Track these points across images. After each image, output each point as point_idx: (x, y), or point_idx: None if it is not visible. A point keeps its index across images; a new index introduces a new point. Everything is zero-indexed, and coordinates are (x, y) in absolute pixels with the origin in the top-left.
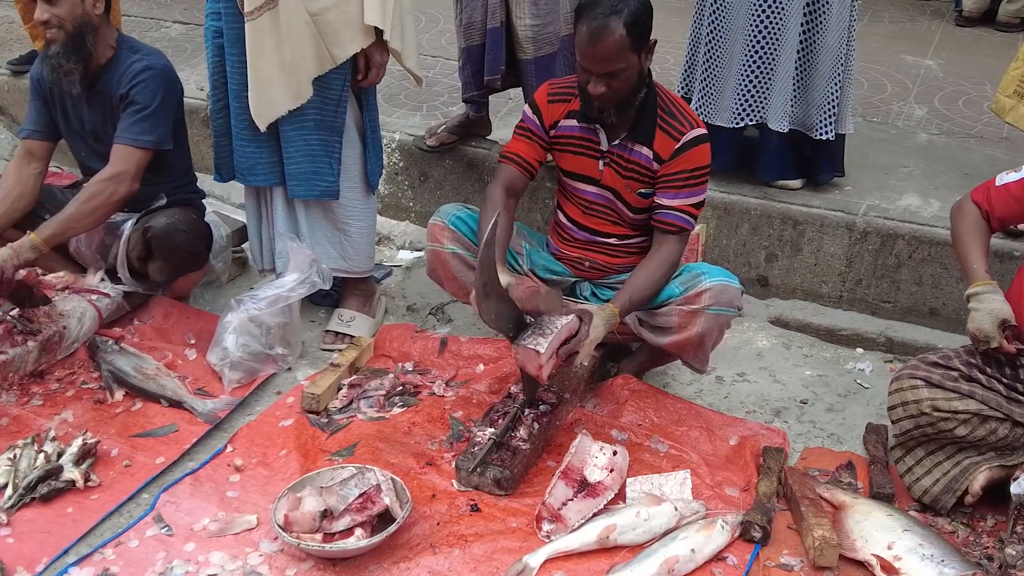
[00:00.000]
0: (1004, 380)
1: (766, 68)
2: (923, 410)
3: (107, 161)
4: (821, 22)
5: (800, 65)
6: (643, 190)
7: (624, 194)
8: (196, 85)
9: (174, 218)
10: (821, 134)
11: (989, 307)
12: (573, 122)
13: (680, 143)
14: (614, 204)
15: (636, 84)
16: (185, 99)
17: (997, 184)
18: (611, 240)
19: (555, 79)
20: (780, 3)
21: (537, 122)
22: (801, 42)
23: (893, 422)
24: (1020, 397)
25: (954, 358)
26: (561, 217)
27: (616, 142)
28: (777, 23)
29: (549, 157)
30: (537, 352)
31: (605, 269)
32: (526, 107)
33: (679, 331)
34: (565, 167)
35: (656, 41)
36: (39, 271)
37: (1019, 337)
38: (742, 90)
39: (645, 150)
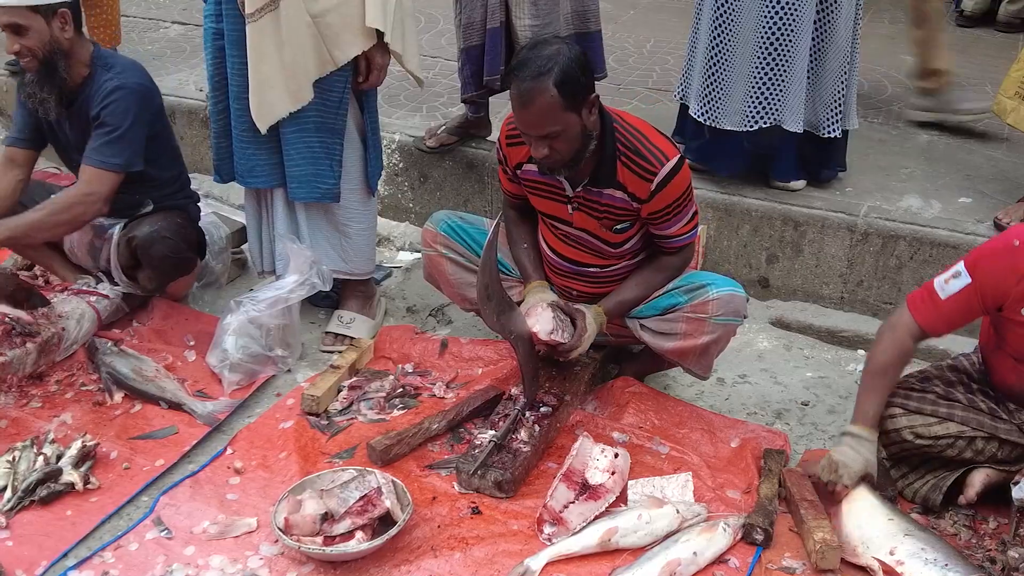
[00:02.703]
0: (990, 397)
1: (781, 70)
2: (904, 437)
3: None
4: (831, 22)
5: (810, 65)
6: (619, 225)
7: (599, 232)
8: (195, 86)
9: (157, 225)
10: (829, 132)
11: (866, 458)
12: (535, 167)
13: (655, 183)
14: (591, 241)
15: (581, 142)
16: (184, 100)
17: (943, 297)
18: (593, 270)
19: (510, 114)
20: (793, 5)
21: (506, 167)
22: (812, 41)
23: (882, 446)
24: (1003, 415)
25: (934, 377)
26: (544, 246)
27: (579, 189)
28: (791, 24)
29: None
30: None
31: (593, 298)
32: (497, 147)
33: (684, 338)
34: (537, 207)
35: (598, 96)
36: (37, 272)
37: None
38: (755, 92)
39: (618, 193)
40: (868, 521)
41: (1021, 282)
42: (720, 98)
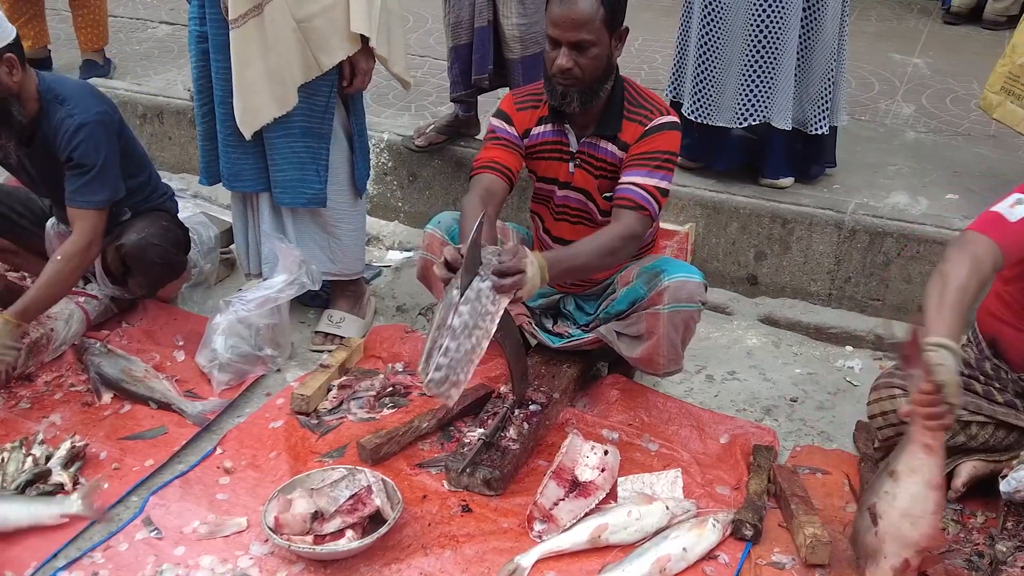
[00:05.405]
0: (981, 382)
1: (769, 67)
2: (903, 419)
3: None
4: (818, 19)
5: (798, 62)
6: (610, 193)
7: (595, 194)
8: (183, 86)
9: (144, 232)
10: (816, 129)
11: (958, 376)
12: (544, 127)
13: (649, 127)
14: (585, 205)
15: (603, 69)
16: (172, 100)
17: (1013, 220)
18: None
19: (517, 88)
20: (781, 2)
21: (510, 130)
22: (800, 38)
23: (876, 430)
24: (998, 399)
25: None
26: (539, 230)
27: (584, 139)
28: (779, 22)
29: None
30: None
31: (584, 282)
32: (492, 118)
33: (648, 337)
34: (538, 172)
35: (628, 30)
36: (25, 274)
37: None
38: (744, 90)
39: (611, 146)
40: (914, 506)
41: None
42: (712, 95)
